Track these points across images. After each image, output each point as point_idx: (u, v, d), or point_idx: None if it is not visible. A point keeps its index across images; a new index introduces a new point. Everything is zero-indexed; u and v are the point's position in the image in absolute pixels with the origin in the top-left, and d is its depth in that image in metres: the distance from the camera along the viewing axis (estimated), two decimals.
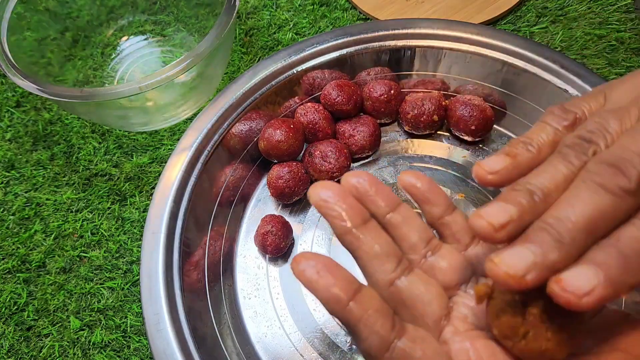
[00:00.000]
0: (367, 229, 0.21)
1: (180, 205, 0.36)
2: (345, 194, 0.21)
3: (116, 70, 0.49)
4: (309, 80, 0.42)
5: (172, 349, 0.31)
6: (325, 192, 0.21)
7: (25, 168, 0.44)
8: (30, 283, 0.39)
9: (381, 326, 0.19)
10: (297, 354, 0.35)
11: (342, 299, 0.19)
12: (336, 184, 0.21)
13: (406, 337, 0.19)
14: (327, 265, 0.19)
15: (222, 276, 0.37)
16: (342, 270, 0.19)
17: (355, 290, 0.19)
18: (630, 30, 0.46)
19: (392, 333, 0.19)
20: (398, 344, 0.19)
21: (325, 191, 0.21)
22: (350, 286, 0.19)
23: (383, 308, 0.19)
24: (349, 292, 0.19)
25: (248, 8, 0.52)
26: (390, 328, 0.19)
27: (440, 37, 0.41)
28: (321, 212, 0.21)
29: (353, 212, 0.21)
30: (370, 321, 0.19)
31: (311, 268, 0.19)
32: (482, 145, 0.42)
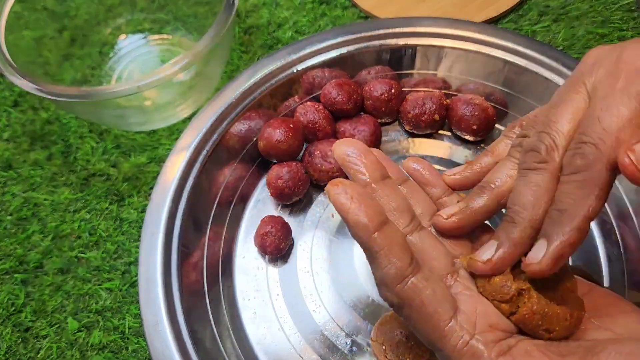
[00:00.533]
0: (385, 185, 0.23)
1: (178, 206, 0.35)
2: (368, 151, 0.24)
3: (114, 69, 0.48)
4: (308, 79, 0.42)
5: (171, 350, 0.30)
6: (349, 148, 0.23)
7: (22, 168, 0.44)
8: (27, 284, 0.39)
9: (400, 259, 0.20)
10: (296, 356, 0.34)
11: (368, 227, 0.20)
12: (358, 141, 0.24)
13: (421, 274, 0.21)
14: (360, 194, 0.20)
15: (221, 277, 0.37)
16: (374, 201, 0.21)
17: (382, 222, 0.21)
18: (633, 29, 0.46)
19: (409, 268, 0.21)
20: (412, 279, 0.21)
21: (349, 147, 0.23)
22: (378, 217, 0.20)
23: (404, 244, 0.21)
24: (376, 223, 0.20)
25: (247, 6, 0.52)
26: (408, 263, 0.21)
27: (442, 36, 0.41)
28: (343, 166, 0.23)
29: (373, 167, 0.23)
30: (391, 252, 0.20)
31: (345, 194, 0.20)
32: (484, 145, 0.42)
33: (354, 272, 0.37)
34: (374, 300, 0.36)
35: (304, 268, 0.37)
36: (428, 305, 0.21)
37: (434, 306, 0.21)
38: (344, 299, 0.36)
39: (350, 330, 0.35)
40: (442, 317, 0.21)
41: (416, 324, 0.21)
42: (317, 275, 0.37)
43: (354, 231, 0.21)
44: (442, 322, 0.21)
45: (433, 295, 0.21)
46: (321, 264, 0.38)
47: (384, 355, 0.32)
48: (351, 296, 0.36)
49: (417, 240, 0.23)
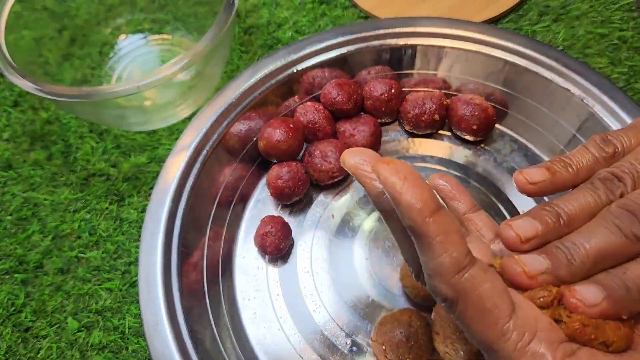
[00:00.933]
0: None
1: (178, 206, 0.35)
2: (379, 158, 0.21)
3: (114, 69, 0.48)
4: (308, 79, 0.42)
5: (171, 350, 0.30)
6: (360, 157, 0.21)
7: (22, 168, 0.44)
8: (27, 284, 0.39)
9: (458, 247, 0.19)
10: (296, 356, 0.34)
11: (424, 210, 0.18)
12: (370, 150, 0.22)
13: (478, 266, 0.19)
14: (414, 175, 0.19)
15: (221, 277, 0.37)
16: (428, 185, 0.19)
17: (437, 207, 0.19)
18: (633, 29, 0.46)
19: (466, 259, 0.19)
20: (470, 271, 0.19)
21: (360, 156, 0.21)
22: (433, 201, 0.19)
23: (461, 232, 0.19)
24: (432, 207, 0.18)
25: (247, 6, 0.52)
26: (465, 252, 0.19)
27: (442, 36, 0.41)
28: (356, 176, 0.22)
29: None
30: (448, 239, 0.19)
31: (397, 173, 0.19)
32: (484, 145, 0.42)
33: (354, 272, 0.37)
34: (374, 300, 0.36)
35: (304, 268, 0.37)
36: (487, 299, 0.19)
37: (493, 301, 0.19)
38: (344, 299, 0.36)
39: (350, 330, 0.35)
40: (502, 314, 0.19)
41: (470, 322, 0.19)
42: (317, 275, 0.37)
43: (406, 215, 0.19)
44: (502, 320, 0.19)
45: (492, 289, 0.19)
46: (321, 264, 0.38)
47: (384, 355, 0.32)
48: (351, 296, 0.36)
49: None
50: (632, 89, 0.43)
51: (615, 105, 0.36)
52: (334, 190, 0.41)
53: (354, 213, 0.40)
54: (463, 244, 0.19)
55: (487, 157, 0.41)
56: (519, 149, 0.41)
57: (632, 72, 0.44)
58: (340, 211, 0.40)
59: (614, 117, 0.36)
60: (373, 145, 0.41)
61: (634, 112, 0.36)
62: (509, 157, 0.41)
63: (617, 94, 0.37)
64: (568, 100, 0.38)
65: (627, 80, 0.44)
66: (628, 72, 0.44)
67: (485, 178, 0.40)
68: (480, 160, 0.41)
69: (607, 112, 0.36)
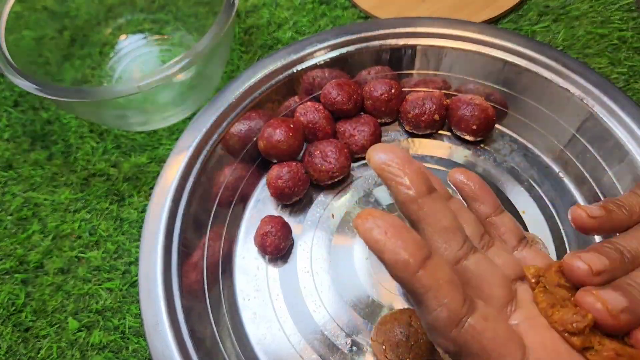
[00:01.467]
0: (433, 200, 0.20)
1: (178, 206, 0.35)
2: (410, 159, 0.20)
3: (114, 69, 0.48)
4: (308, 80, 0.42)
5: (171, 350, 0.30)
6: (387, 155, 0.20)
7: (23, 168, 0.44)
8: (28, 284, 0.39)
9: (452, 299, 0.17)
10: (297, 356, 0.34)
11: (410, 265, 0.17)
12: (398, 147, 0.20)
13: (478, 314, 0.18)
14: (395, 226, 0.17)
15: (221, 277, 0.37)
16: (412, 232, 0.18)
17: (425, 256, 0.17)
18: (633, 29, 0.46)
19: (464, 308, 0.18)
20: (469, 321, 0.18)
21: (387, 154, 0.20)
22: (421, 252, 0.17)
23: (454, 280, 0.18)
24: (419, 258, 0.17)
25: (247, 6, 0.52)
26: (461, 302, 0.18)
27: (442, 36, 0.41)
28: (382, 177, 0.20)
29: (418, 179, 0.19)
30: (440, 292, 0.17)
31: (378, 228, 0.17)
32: (484, 145, 0.42)
33: (354, 272, 0.37)
34: (374, 300, 0.36)
35: (304, 268, 0.38)
36: (491, 350, 0.18)
37: (498, 351, 0.18)
38: (344, 299, 0.36)
39: (350, 330, 0.35)
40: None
41: None
42: (317, 275, 0.37)
43: (394, 271, 0.17)
44: None
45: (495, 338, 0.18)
46: (321, 264, 0.38)
47: (384, 355, 0.32)
48: (351, 296, 0.36)
49: (473, 266, 0.20)
50: (632, 89, 0.43)
51: (615, 106, 0.36)
52: (334, 190, 0.41)
53: (354, 213, 0.40)
54: (458, 293, 0.18)
55: (487, 157, 0.41)
56: (519, 149, 0.41)
57: (631, 72, 0.44)
58: (340, 211, 0.40)
59: (613, 117, 0.36)
60: None
61: (634, 112, 0.36)
62: (509, 157, 0.41)
63: (616, 94, 0.37)
64: (568, 100, 0.38)
65: (627, 81, 0.44)
66: (628, 72, 0.44)
67: (485, 178, 0.40)
68: (480, 160, 0.41)
69: (607, 112, 0.37)
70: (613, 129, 0.36)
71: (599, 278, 0.19)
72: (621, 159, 0.36)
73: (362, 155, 0.41)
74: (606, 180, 0.37)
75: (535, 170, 0.40)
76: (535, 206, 0.39)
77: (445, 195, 0.23)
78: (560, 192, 0.39)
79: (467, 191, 0.25)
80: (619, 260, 0.20)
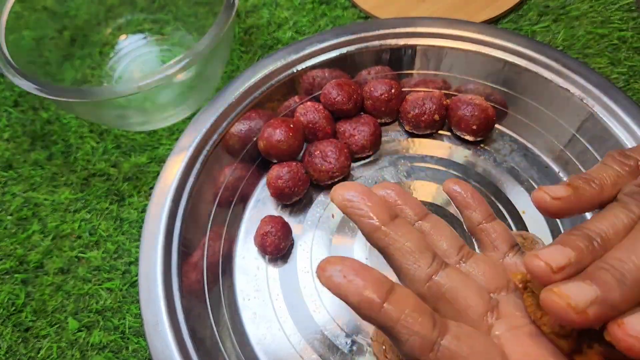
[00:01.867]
0: (396, 225, 0.20)
1: (178, 206, 0.35)
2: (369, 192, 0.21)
3: (114, 70, 0.48)
4: (308, 80, 0.42)
5: (171, 350, 0.30)
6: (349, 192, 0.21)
7: (23, 168, 0.44)
8: (28, 284, 0.39)
9: (421, 325, 0.18)
10: (297, 356, 0.34)
11: (375, 302, 0.18)
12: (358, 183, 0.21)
13: (450, 334, 0.18)
14: (354, 268, 0.18)
15: (221, 277, 0.37)
16: (372, 270, 0.18)
17: (388, 290, 0.18)
18: (632, 29, 0.46)
19: (434, 331, 0.18)
20: (442, 343, 0.18)
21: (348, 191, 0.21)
22: (383, 287, 0.18)
23: (420, 306, 0.18)
24: (382, 293, 0.18)
25: (247, 6, 0.52)
26: (431, 326, 0.18)
27: (442, 36, 0.41)
28: (346, 213, 0.21)
29: (379, 208, 0.20)
30: (409, 321, 0.18)
31: (338, 273, 0.18)
32: (484, 145, 0.42)
33: None
34: None
35: (304, 268, 0.38)
36: None
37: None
38: None
39: (350, 330, 0.35)
40: None
41: None
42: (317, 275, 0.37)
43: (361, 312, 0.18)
44: None
45: (472, 354, 0.18)
46: None
47: (384, 355, 0.32)
48: None
49: (444, 280, 0.20)
50: (632, 89, 0.43)
51: (615, 105, 0.36)
52: None
53: None
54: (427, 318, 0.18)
55: (487, 157, 0.41)
56: (519, 149, 0.41)
57: (631, 72, 0.44)
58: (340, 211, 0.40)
59: (613, 117, 0.36)
60: (373, 145, 0.41)
61: (634, 112, 0.36)
62: (509, 157, 0.41)
63: (616, 94, 0.37)
64: (568, 100, 0.38)
65: (627, 81, 0.44)
66: (628, 72, 0.44)
67: (485, 178, 0.40)
68: (480, 160, 0.41)
69: (607, 112, 0.37)
70: (613, 129, 0.36)
71: (562, 274, 0.18)
72: None
73: (363, 155, 0.42)
74: None
75: (535, 170, 0.40)
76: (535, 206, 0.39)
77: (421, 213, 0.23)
78: None
79: (460, 200, 0.25)
80: (586, 248, 0.18)
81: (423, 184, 0.41)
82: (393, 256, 0.20)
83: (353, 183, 0.21)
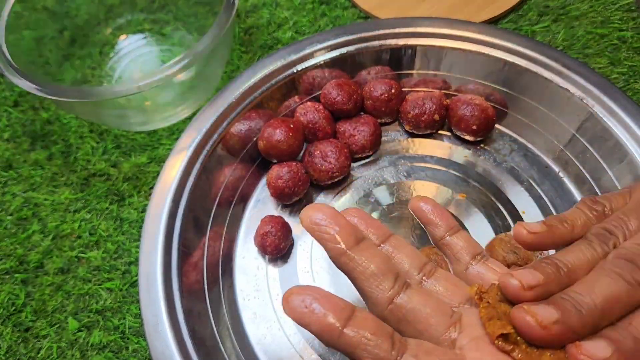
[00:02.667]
0: (361, 249, 0.22)
1: (179, 206, 0.35)
2: (337, 215, 0.22)
3: (114, 70, 0.48)
4: (308, 80, 0.42)
5: (171, 350, 0.30)
6: (316, 215, 0.22)
7: (23, 168, 0.44)
8: (28, 284, 0.39)
9: (380, 348, 0.19)
10: (297, 356, 0.34)
11: (334, 328, 0.19)
12: (327, 206, 0.22)
13: (408, 353, 0.19)
14: (316, 297, 0.19)
15: (221, 277, 0.37)
16: (333, 298, 0.20)
17: (348, 316, 0.19)
18: (632, 29, 0.46)
19: (393, 352, 0.19)
20: None
21: (316, 214, 0.22)
22: (342, 313, 0.19)
23: (379, 328, 0.19)
24: (342, 319, 0.19)
25: (247, 6, 0.52)
26: (389, 347, 0.19)
27: (442, 36, 0.41)
28: (314, 236, 0.22)
29: (346, 232, 0.22)
30: (368, 344, 0.19)
31: (300, 302, 0.19)
32: (484, 145, 0.42)
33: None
34: None
35: (304, 268, 0.38)
36: None
37: None
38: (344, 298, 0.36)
39: None
40: None
41: None
42: (317, 275, 0.37)
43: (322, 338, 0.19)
44: None
45: None
46: (321, 264, 0.38)
47: None
48: (351, 296, 0.36)
49: (405, 302, 0.21)
50: (632, 89, 0.43)
51: (615, 105, 0.36)
52: (334, 190, 0.41)
53: None
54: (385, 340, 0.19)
55: (487, 157, 0.41)
56: (519, 149, 0.41)
57: (631, 72, 0.44)
58: None
59: (613, 117, 0.36)
60: (373, 145, 0.41)
61: (634, 112, 0.36)
62: (509, 157, 0.41)
63: (616, 94, 0.37)
64: (568, 100, 0.38)
65: (627, 81, 0.44)
66: (627, 72, 0.44)
67: (484, 178, 0.40)
68: (480, 160, 0.41)
69: (607, 112, 0.37)
70: (613, 129, 0.36)
71: (532, 293, 0.20)
72: (621, 159, 0.36)
73: (363, 155, 0.42)
74: (606, 180, 0.37)
75: (535, 170, 0.40)
76: (535, 206, 0.39)
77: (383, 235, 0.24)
78: (560, 192, 0.39)
79: (422, 217, 0.26)
80: (553, 275, 0.21)
81: (423, 184, 0.41)
82: (356, 280, 0.22)
83: (322, 205, 0.22)
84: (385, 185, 0.41)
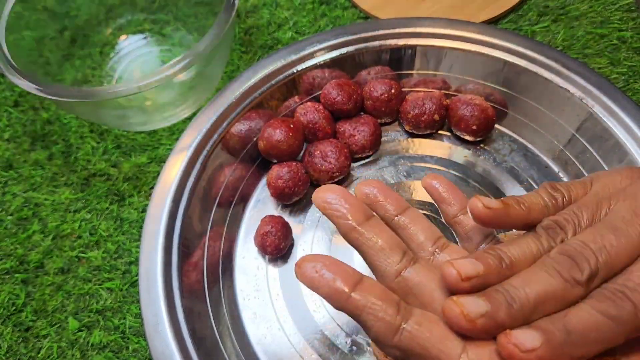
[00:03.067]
0: (370, 225, 0.23)
1: (179, 206, 0.35)
2: (347, 194, 0.23)
3: (115, 70, 0.48)
4: (308, 80, 0.42)
5: (171, 350, 0.30)
6: (328, 195, 0.23)
7: (23, 168, 0.44)
8: (28, 284, 0.39)
9: (385, 312, 0.20)
10: (297, 356, 0.34)
11: (343, 291, 0.20)
12: (338, 186, 0.23)
13: (413, 319, 0.20)
14: (326, 264, 0.21)
15: (221, 277, 0.37)
16: (342, 265, 0.21)
17: (356, 281, 0.20)
18: (632, 30, 0.46)
19: (398, 317, 0.20)
20: (405, 327, 0.20)
21: (328, 193, 0.23)
22: (351, 278, 0.20)
23: (385, 294, 0.20)
24: (350, 284, 0.20)
25: (248, 7, 0.52)
26: (395, 312, 0.20)
27: (441, 36, 0.41)
28: (325, 214, 0.23)
29: (355, 209, 0.23)
30: (374, 308, 0.20)
31: (311, 268, 0.20)
32: (484, 145, 0.42)
33: None
34: None
35: None
36: (431, 348, 0.20)
37: (437, 348, 0.20)
38: None
39: (350, 330, 0.35)
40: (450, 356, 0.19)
41: None
42: None
43: (331, 301, 0.20)
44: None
45: (431, 337, 0.20)
46: None
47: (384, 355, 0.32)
48: None
49: (412, 276, 0.22)
50: (632, 89, 0.43)
51: (615, 106, 0.36)
52: None
53: None
54: (391, 305, 0.20)
55: (487, 157, 0.41)
56: (519, 149, 0.42)
57: (631, 73, 0.44)
58: None
59: (613, 117, 0.36)
60: (373, 145, 0.41)
61: (633, 112, 0.36)
62: (509, 157, 0.41)
63: (616, 94, 0.37)
64: (567, 100, 0.38)
65: (627, 81, 0.44)
66: (627, 73, 0.44)
67: (484, 178, 0.40)
68: (480, 160, 0.41)
69: (607, 112, 0.37)
70: (613, 129, 0.36)
71: (468, 283, 0.20)
72: (621, 159, 0.36)
73: (363, 155, 0.42)
74: None
75: (535, 170, 0.40)
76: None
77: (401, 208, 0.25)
78: None
79: (436, 195, 0.27)
80: (495, 266, 0.21)
81: None
82: (366, 253, 0.23)
83: (333, 186, 0.23)
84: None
